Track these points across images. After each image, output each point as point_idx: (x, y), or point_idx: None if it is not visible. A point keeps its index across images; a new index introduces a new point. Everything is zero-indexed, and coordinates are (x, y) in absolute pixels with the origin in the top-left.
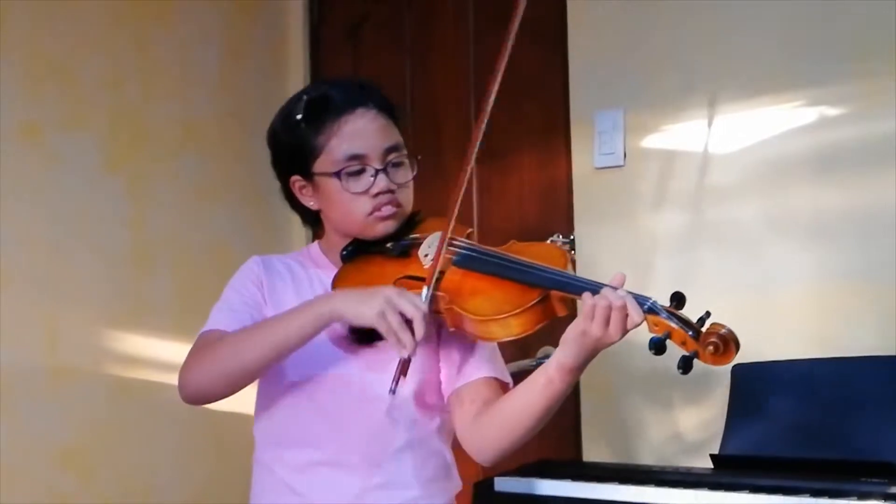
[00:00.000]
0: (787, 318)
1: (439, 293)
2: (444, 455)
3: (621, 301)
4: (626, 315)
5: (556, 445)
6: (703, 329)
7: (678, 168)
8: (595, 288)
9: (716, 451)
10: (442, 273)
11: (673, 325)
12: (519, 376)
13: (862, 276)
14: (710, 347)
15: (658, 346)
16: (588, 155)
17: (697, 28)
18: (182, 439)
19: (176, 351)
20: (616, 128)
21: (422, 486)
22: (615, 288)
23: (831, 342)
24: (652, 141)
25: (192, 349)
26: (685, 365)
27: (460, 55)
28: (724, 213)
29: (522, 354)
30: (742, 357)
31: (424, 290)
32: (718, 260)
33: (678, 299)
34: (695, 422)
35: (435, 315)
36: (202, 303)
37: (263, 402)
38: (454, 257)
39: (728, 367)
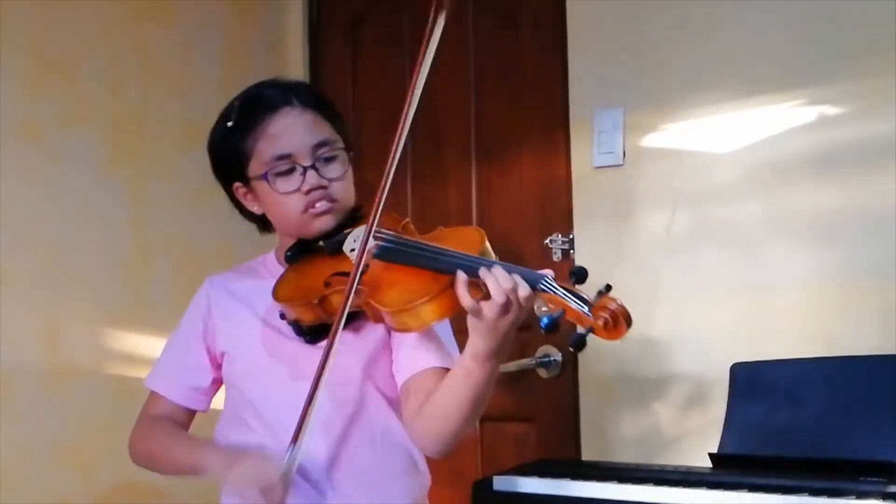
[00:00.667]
0: (787, 317)
1: (363, 287)
2: (411, 449)
3: (510, 283)
4: (518, 296)
5: (555, 445)
6: (596, 304)
7: (678, 167)
8: (488, 264)
9: (715, 451)
10: (366, 267)
11: (568, 301)
12: (519, 376)
13: (862, 275)
14: (600, 322)
15: (552, 324)
16: (587, 154)
17: (697, 28)
18: None
19: None
20: (616, 127)
21: (391, 483)
22: (508, 270)
23: (831, 342)
24: (651, 140)
25: (141, 413)
26: (577, 344)
27: (460, 53)
28: (724, 212)
29: (522, 354)
30: (741, 356)
31: (290, 450)
32: (718, 259)
33: (578, 274)
34: (694, 421)
35: (360, 310)
36: None
37: (225, 415)
38: (376, 250)
39: (727, 366)
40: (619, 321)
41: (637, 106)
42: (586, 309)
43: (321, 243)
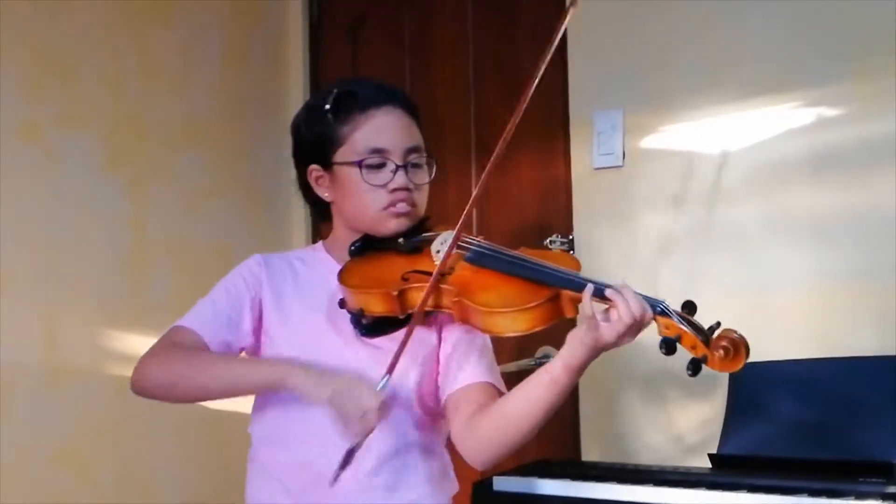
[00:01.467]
0: (786, 318)
1: (448, 287)
2: (443, 456)
3: (641, 312)
4: (644, 320)
5: (555, 445)
6: (714, 336)
7: (677, 169)
8: (604, 287)
9: (714, 451)
10: (452, 269)
11: (684, 328)
12: (518, 376)
13: (862, 276)
14: (721, 351)
15: (669, 346)
16: (587, 155)
17: (697, 28)
18: (181, 439)
19: None
20: (615, 128)
21: (426, 485)
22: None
23: (830, 342)
24: (651, 141)
25: (161, 340)
26: (694, 368)
27: (460, 54)
28: (724, 213)
29: (521, 354)
30: None
31: (384, 379)
32: (717, 260)
33: (690, 307)
34: (693, 421)
35: (440, 311)
36: None
37: (259, 401)
38: (466, 254)
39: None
40: (739, 350)
41: (637, 107)
42: (702, 337)
43: (400, 240)
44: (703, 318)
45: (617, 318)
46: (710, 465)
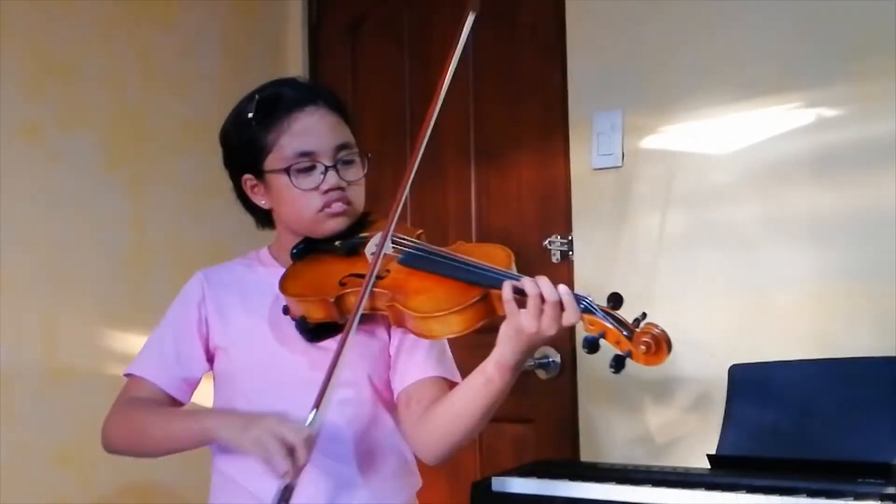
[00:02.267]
0: (785, 318)
1: (382, 290)
2: (404, 451)
3: (556, 297)
4: (562, 310)
5: (554, 446)
6: (638, 329)
7: (676, 169)
8: (519, 278)
9: (713, 452)
10: (387, 271)
11: (608, 324)
12: (518, 377)
13: (861, 277)
14: (643, 347)
15: (591, 345)
16: (586, 156)
17: (696, 29)
18: None
19: None
20: (614, 129)
21: (383, 483)
22: (554, 285)
23: (829, 343)
24: (650, 142)
25: (119, 397)
26: (617, 364)
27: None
28: (723, 213)
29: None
30: (739, 357)
31: (312, 414)
32: (717, 261)
33: (615, 300)
34: (692, 422)
35: (376, 313)
36: None
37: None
38: (400, 255)
39: (725, 367)
40: (661, 346)
41: (636, 108)
42: (626, 333)
43: (337, 243)
44: (703, 319)
45: (531, 302)
46: (708, 466)
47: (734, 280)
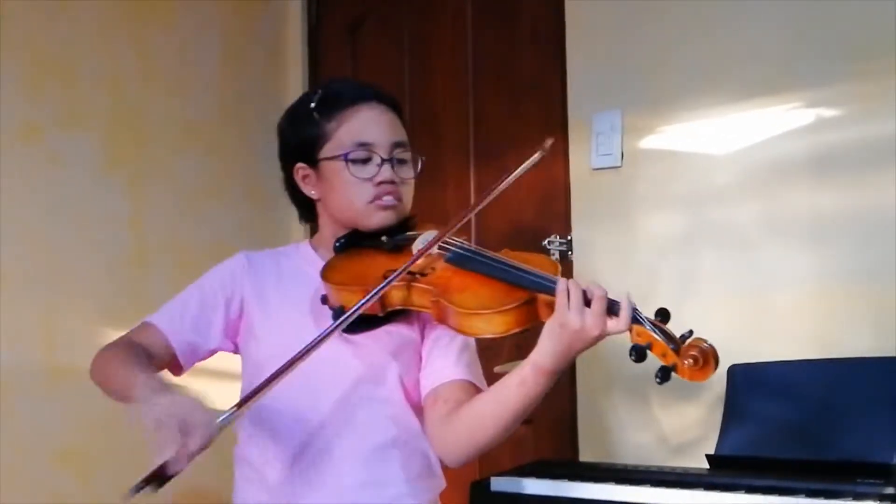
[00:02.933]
0: (785, 319)
1: (427, 287)
2: (428, 453)
3: (602, 291)
4: (605, 306)
5: (553, 446)
6: (685, 344)
7: (676, 169)
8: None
9: (712, 452)
10: (433, 269)
11: (656, 336)
12: None
13: (860, 277)
14: (690, 360)
15: (639, 353)
16: (585, 156)
17: (695, 29)
18: None
19: None
20: (614, 129)
21: (406, 483)
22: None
23: (828, 343)
24: (650, 142)
25: (125, 335)
26: (663, 375)
27: (459, 54)
28: (723, 214)
29: (521, 354)
30: (739, 357)
31: (229, 411)
32: (716, 261)
33: (663, 314)
34: (691, 422)
35: (417, 310)
36: None
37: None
38: (447, 254)
39: (724, 367)
40: (708, 361)
41: (635, 108)
42: (673, 346)
43: (383, 238)
44: (702, 319)
45: (575, 294)
46: (707, 466)
47: (734, 280)
